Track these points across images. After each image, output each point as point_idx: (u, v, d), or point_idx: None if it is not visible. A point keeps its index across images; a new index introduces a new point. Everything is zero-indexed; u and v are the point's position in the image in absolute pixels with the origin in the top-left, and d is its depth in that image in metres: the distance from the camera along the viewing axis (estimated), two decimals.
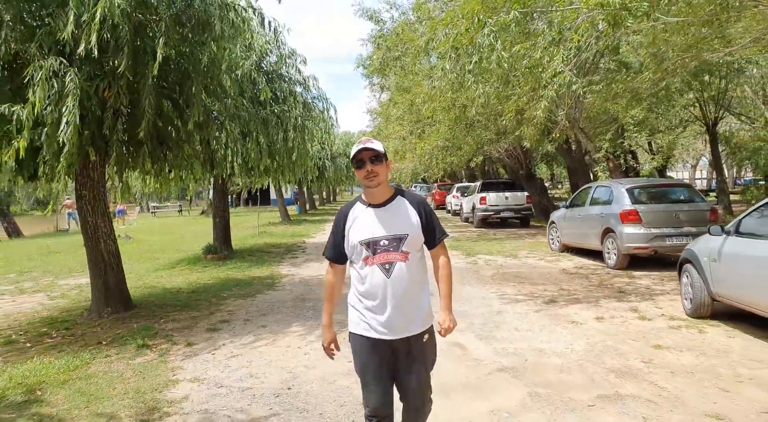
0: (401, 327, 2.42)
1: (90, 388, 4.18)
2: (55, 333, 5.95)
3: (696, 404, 3.57)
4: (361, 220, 2.45)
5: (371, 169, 2.38)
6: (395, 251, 2.39)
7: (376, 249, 2.39)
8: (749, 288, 4.76)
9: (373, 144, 2.41)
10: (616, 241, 8.66)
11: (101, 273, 6.60)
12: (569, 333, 5.33)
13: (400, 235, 2.40)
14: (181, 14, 5.90)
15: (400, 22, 13.88)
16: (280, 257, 11.90)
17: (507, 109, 7.63)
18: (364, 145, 2.40)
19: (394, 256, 2.39)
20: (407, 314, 2.43)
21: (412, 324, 2.44)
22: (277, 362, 4.72)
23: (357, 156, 2.40)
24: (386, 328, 2.41)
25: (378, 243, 2.40)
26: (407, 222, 2.43)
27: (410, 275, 2.41)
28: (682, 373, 4.14)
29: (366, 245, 2.40)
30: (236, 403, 3.86)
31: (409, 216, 2.45)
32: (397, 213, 2.45)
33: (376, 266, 2.38)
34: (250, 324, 6.06)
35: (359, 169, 2.41)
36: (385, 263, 2.38)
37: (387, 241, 2.39)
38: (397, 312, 2.40)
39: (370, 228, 2.42)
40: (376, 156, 2.40)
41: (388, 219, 2.42)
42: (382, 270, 2.38)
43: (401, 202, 2.49)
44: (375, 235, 2.40)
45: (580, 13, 6.18)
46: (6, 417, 3.69)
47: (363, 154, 2.39)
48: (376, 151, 2.39)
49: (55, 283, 9.73)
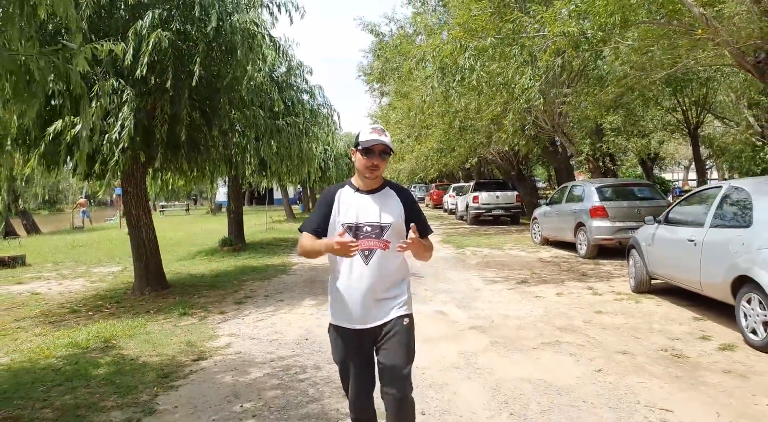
0: (378, 315, 2.40)
1: (152, 339, 5.39)
2: (109, 305, 7.19)
3: (612, 347, 4.77)
4: (347, 204, 2.43)
5: (377, 163, 2.38)
6: (376, 239, 2.38)
7: (358, 235, 2.38)
8: (670, 266, 5.97)
9: (387, 138, 2.40)
10: (586, 234, 9.86)
11: (143, 257, 7.83)
12: (532, 304, 6.53)
13: (384, 224, 2.40)
14: (212, 41, 7.10)
15: (398, 35, 15.09)
16: (289, 249, 13.13)
17: (484, 118, 8.86)
18: (380, 138, 2.37)
19: (375, 243, 2.38)
20: (385, 303, 2.41)
21: (388, 311, 2.41)
22: (295, 323, 5.93)
23: (369, 146, 2.37)
24: (360, 316, 2.39)
25: (361, 228, 2.38)
26: (392, 212, 2.43)
27: (389, 264, 2.40)
28: (610, 329, 5.34)
29: (349, 228, 2.38)
30: (266, 348, 5.06)
31: (396, 206, 2.46)
32: (383, 202, 2.45)
33: (357, 252, 2.33)
34: (269, 299, 7.28)
35: (366, 156, 2.37)
36: (365, 250, 2.36)
37: (370, 228, 2.39)
38: (373, 300, 2.38)
39: (355, 213, 2.41)
40: (386, 151, 2.40)
41: (374, 207, 2.42)
42: (361, 256, 2.36)
43: (389, 192, 2.50)
44: (359, 220, 2.40)
45: (546, 39, 7.41)
46: (95, 356, 4.90)
47: (376, 146, 2.37)
48: (389, 146, 2.39)
49: (90, 271, 10.95)
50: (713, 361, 4.29)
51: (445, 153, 17.16)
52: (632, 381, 3.91)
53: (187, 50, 6.98)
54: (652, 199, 9.91)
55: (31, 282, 9.63)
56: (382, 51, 15.29)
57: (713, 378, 3.92)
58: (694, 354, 4.46)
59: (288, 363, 4.56)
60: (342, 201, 2.45)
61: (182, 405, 3.73)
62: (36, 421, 3.52)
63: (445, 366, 4.40)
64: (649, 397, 3.61)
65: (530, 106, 7.95)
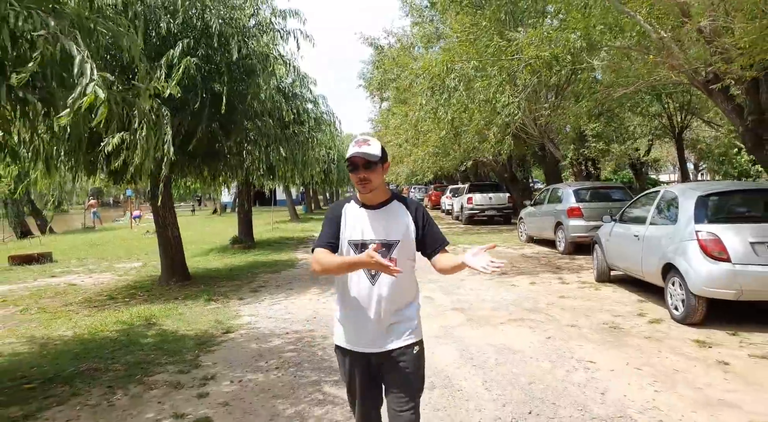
0: (386, 339, 2.26)
1: (185, 318, 6.47)
2: (141, 293, 8.27)
3: (565, 322, 5.84)
4: (352, 220, 2.30)
5: (364, 176, 2.22)
6: (383, 257, 2.15)
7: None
8: (622, 258, 7.05)
9: (368, 148, 2.20)
10: (564, 232, 10.93)
11: (169, 252, 8.92)
12: (507, 291, 7.60)
13: (391, 241, 2.25)
14: (232, 64, 8.19)
15: (396, 48, 16.21)
16: (294, 246, 14.23)
17: (470, 131, 9.96)
18: (359, 149, 2.20)
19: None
20: (393, 325, 2.26)
21: (398, 336, 2.27)
22: (304, 306, 7.01)
23: (351, 159, 2.22)
24: (369, 340, 2.26)
25: (367, 246, 2.20)
26: (400, 229, 2.28)
27: (397, 283, 2.23)
28: (568, 309, 6.41)
29: (354, 246, 2.26)
30: (281, 324, 6.13)
31: (405, 222, 2.30)
32: (390, 217, 2.30)
33: (362, 271, 2.22)
34: (281, 288, 8.36)
35: (352, 172, 2.24)
36: (371, 269, 2.19)
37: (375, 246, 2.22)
38: (380, 323, 2.24)
39: (360, 230, 2.27)
40: (368, 162, 2.21)
41: (380, 223, 2.27)
42: (367, 275, 2.23)
43: (397, 206, 2.33)
44: (365, 237, 2.26)
45: (522, 61, 8.49)
46: (141, 330, 5.98)
47: (356, 159, 2.21)
48: (369, 156, 2.19)
49: (113, 266, 12.03)
50: (640, 331, 5.36)
51: (441, 157, 18.24)
52: (573, 345, 4.98)
53: (210, 72, 8.06)
54: (623, 201, 10.94)
55: (64, 276, 10.71)
56: (381, 63, 16.45)
57: (635, 342, 4.99)
58: (628, 327, 5.54)
59: (300, 335, 5.64)
60: (348, 217, 2.31)
61: (220, 362, 4.80)
62: (111, 371, 4.60)
63: (428, 336, 5.41)
64: (582, 354, 4.69)
65: (511, 120, 9.03)
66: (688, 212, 5.67)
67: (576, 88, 9.94)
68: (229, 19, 7.68)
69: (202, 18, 7.57)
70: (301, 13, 8.54)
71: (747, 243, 5.14)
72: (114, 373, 4.56)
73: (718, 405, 3.57)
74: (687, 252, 5.45)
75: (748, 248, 5.13)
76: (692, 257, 5.38)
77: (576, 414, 3.50)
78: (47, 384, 4.32)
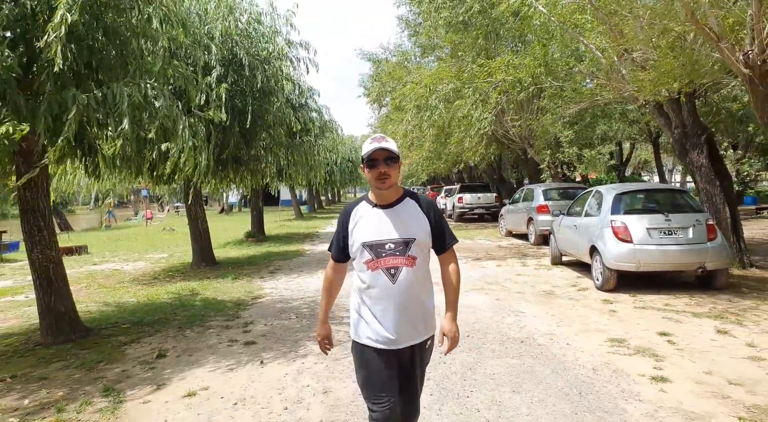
0: (407, 336, 2.31)
1: (220, 290, 8.26)
2: (178, 274, 10.06)
3: (514, 290, 7.60)
4: (365, 220, 2.32)
5: (384, 171, 2.23)
6: (401, 255, 2.25)
7: (381, 253, 2.26)
8: (566, 244, 8.82)
9: (388, 143, 2.25)
10: (534, 226, 12.69)
11: (199, 241, 10.71)
12: (475, 271, 9.36)
13: (407, 239, 2.26)
14: (255, 88, 9.98)
15: (392, 62, 18.04)
16: (301, 240, 16.02)
17: (451, 142, 11.74)
18: (380, 144, 2.22)
19: (401, 261, 2.26)
20: (413, 322, 2.31)
21: (417, 332, 2.34)
22: (313, 283, 8.78)
23: (371, 155, 2.23)
24: (392, 337, 2.29)
25: (383, 246, 2.25)
26: (415, 225, 2.30)
27: (417, 281, 2.29)
28: (520, 283, 8.17)
29: (369, 247, 2.27)
30: (297, 293, 7.91)
31: (419, 218, 2.32)
32: (405, 215, 2.31)
33: (381, 271, 2.24)
34: (293, 270, 10.15)
35: (371, 168, 2.24)
36: (391, 268, 2.24)
37: (393, 245, 2.26)
38: (403, 320, 2.28)
39: (375, 230, 2.28)
40: (390, 157, 2.24)
41: (395, 221, 2.29)
42: (387, 275, 2.24)
43: (410, 203, 2.36)
44: (380, 238, 2.27)
45: (492, 84, 10.27)
46: (188, 298, 7.76)
47: (377, 153, 2.23)
48: (392, 151, 2.24)
49: (144, 257, 13.82)
50: (567, 295, 7.14)
51: (434, 160, 20.02)
52: (513, 303, 6.75)
53: (236, 94, 9.86)
54: None
55: (104, 264, 12.50)
56: (378, 76, 18.23)
57: (559, 301, 6.77)
58: (560, 293, 7.31)
59: (312, 299, 7.42)
60: (359, 218, 2.34)
61: (254, 315, 6.58)
62: (177, 320, 6.38)
63: None
64: (517, 308, 6.46)
65: (483, 133, 10.81)
66: (607, 206, 7.44)
67: (541, 103, 11.71)
68: (254, 53, 9.46)
69: (231, 50, 9.35)
70: (310, 44, 10.31)
71: (644, 229, 6.92)
72: (179, 321, 6.35)
73: (593, 331, 5.35)
74: (604, 236, 7.22)
75: (645, 232, 6.90)
76: (607, 240, 7.15)
77: (498, 337, 5.27)
78: (136, 326, 6.12)
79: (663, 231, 6.90)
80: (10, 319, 6.86)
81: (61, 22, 4.21)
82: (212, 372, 4.51)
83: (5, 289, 9.25)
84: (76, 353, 5.17)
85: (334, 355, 4.70)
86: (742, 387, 3.82)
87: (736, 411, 3.44)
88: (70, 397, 4.03)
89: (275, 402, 3.86)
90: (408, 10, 18.43)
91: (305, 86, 12.90)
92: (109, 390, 4.15)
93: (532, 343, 5.03)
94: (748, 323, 5.44)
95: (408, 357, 2.36)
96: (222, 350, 5.16)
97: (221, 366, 4.66)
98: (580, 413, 3.48)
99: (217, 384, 4.24)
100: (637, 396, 3.72)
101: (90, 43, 4.99)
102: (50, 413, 3.75)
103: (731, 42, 6.56)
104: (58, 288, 5.53)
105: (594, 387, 3.91)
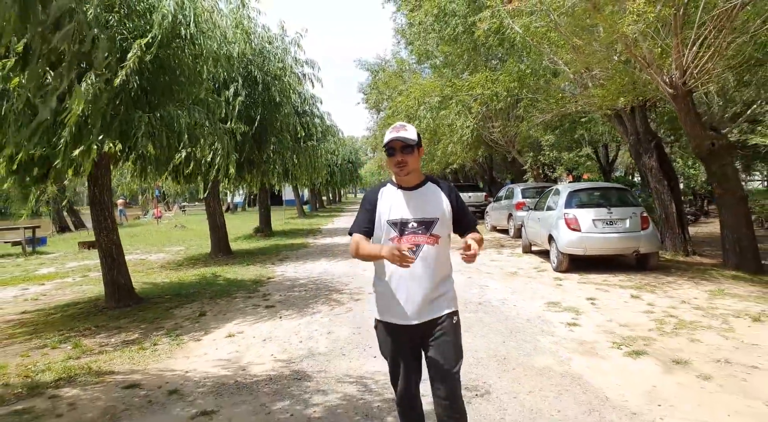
0: (427, 310, 2.42)
1: (239, 273, 9.76)
2: (199, 262, 11.57)
3: (485, 271, 9.08)
4: (390, 201, 2.45)
5: (401, 159, 2.37)
6: (424, 234, 2.38)
7: (404, 231, 2.39)
8: (533, 234, 10.33)
9: (406, 132, 2.38)
10: (513, 221, 14.19)
11: (216, 232, 12.23)
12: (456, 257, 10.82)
13: (430, 219, 2.40)
14: (266, 100, 11.49)
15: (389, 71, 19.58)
16: (305, 235, 17.54)
17: (438, 148, 13.26)
18: (397, 134, 2.36)
19: (423, 239, 2.38)
20: (433, 298, 2.43)
21: (438, 307, 2.44)
22: (317, 267, 10.28)
23: (389, 144, 2.38)
24: (412, 312, 2.40)
25: (407, 224, 2.38)
26: (438, 207, 2.43)
27: (437, 258, 2.41)
28: (491, 266, 9.66)
29: (394, 225, 2.40)
30: (303, 275, 9.40)
31: (441, 200, 2.45)
32: (427, 197, 2.45)
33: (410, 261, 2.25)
34: (299, 259, 11.66)
35: (390, 156, 2.40)
36: (413, 246, 2.34)
37: (416, 224, 2.38)
38: (422, 295, 2.40)
39: (400, 210, 2.41)
40: (405, 146, 2.37)
41: (418, 203, 2.42)
42: (409, 252, 2.26)
43: (432, 187, 2.49)
44: (405, 216, 2.40)
45: (473, 96, 11.77)
46: (212, 278, 9.26)
47: (395, 142, 2.37)
48: (408, 140, 2.36)
49: (162, 249, 15.32)
50: (527, 274, 8.64)
51: (427, 161, 21.52)
52: (481, 280, 8.24)
53: (250, 105, 11.36)
54: None
55: (129, 255, 13.90)
56: (376, 85, 19.74)
57: (520, 279, 8.27)
58: (522, 273, 8.81)
59: (319, 279, 8.91)
60: (385, 199, 2.46)
61: (270, 290, 8.07)
62: (207, 293, 7.88)
63: None
64: (484, 284, 7.95)
65: (466, 139, 12.31)
66: (563, 201, 8.94)
67: (517, 112, 13.23)
68: (266, 70, 10.97)
69: (246, 68, 10.86)
70: (315, 62, 11.81)
71: (591, 220, 8.42)
72: (210, 293, 7.86)
73: (538, 298, 6.85)
74: (559, 226, 8.72)
75: (591, 223, 8.40)
76: (561, 229, 8.65)
77: (462, 302, 6.75)
78: (176, 297, 7.63)
79: (605, 222, 8.40)
80: (68, 294, 8.38)
81: (133, 56, 5.68)
82: (244, 324, 6.02)
83: (53, 274, 10.77)
84: (135, 314, 6.68)
85: (335, 311, 6.21)
86: (627, 327, 5.33)
87: (614, 340, 4.94)
88: (143, 338, 5.54)
89: (293, 339, 5.36)
90: (405, 22, 19.96)
91: (308, 95, 14.39)
92: (171, 333, 5.66)
93: (487, 305, 6.54)
94: (658, 292, 6.95)
95: (432, 328, 2.44)
96: (249, 311, 6.67)
97: (250, 321, 6.16)
98: (507, 341, 4.99)
99: (249, 330, 5.75)
100: (551, 334, 5.22)
101: (147, 75, 6.48)
102: (134, 346, 5.26)
103: (660, 67, 8.08)
104: (118, 264, 7.04)
105: (523, 328, 5.42)
